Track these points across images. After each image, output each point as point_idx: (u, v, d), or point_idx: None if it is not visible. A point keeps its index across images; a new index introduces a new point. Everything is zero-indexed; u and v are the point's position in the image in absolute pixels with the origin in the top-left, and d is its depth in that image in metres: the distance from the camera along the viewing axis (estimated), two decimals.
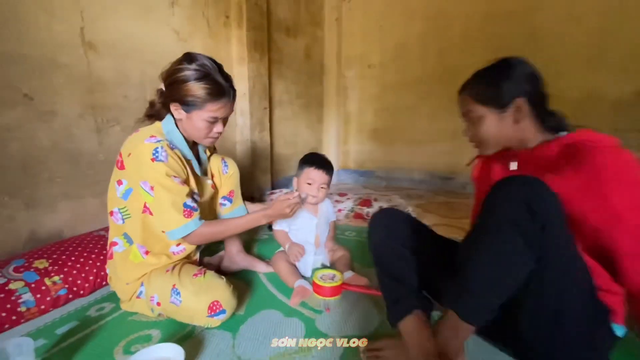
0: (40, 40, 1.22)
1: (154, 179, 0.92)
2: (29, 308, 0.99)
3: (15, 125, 1.18)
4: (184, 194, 0.96)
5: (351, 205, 2.18)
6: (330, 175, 1.34)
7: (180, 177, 0.97)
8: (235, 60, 2.20)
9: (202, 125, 0.97)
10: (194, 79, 0.91)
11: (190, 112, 0.96)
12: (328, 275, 1.20)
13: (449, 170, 3.16)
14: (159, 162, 0.92)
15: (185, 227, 0.96)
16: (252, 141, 2.27)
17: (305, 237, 1.34)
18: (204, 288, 0.95)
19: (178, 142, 1.01)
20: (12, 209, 1.19)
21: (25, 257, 1.10)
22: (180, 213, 0.95)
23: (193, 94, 0.92)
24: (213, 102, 0.94)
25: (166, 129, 1.01)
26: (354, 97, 3.49)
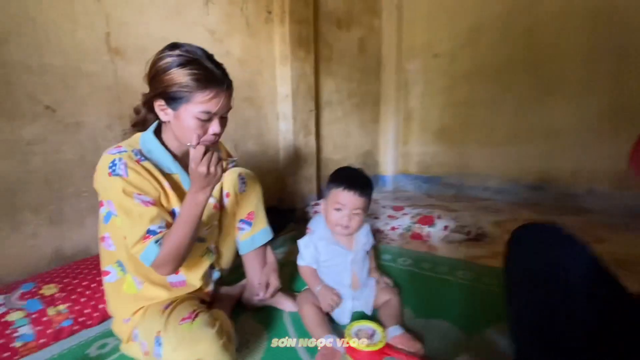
0: (62, 48, 1.17)
1: (113, 198, 0.77)
2: (25, 343, 0.90)
3: (37, 139, 1.14)
4: (147, 218, 0.77)
5: (408, 223, 1.81)
6: (368, 197, 1.03)
7: (148, 195, 0.79)
8: (277, 60, 2.01)
9: (193, 124, 0.77)
10: (177, 65, 0.74)
11: (178, 109, 0.77)
12: (366, 331, 0.90)
13: (539, 177, 2.54)
14: (115, 176, 0.75)
15: (145, 256, 0.77)
16: (296, 147, 2.06)
17: (338, 277, 1.06)
18: (186, 340, 0.73)
19: (157, 153, 0.83)
20: (35, 226, 1.15)
21: (37, 280, 1.04)
22: (142, 240, 0.77)
23: (177, 82, 0.74)
24: (202, 91, 0.75)
25: (143, 138, 0.85)
26: (417, 92, 3.05)
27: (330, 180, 1.05)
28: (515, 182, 2.65)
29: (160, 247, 0.77)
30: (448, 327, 1.00)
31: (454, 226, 1.73)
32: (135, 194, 0.77)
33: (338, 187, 1.01)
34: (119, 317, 0.90)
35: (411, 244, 1.73)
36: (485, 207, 2.49)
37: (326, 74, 2.40)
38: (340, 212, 1.01)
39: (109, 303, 0.92)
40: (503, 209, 2.43)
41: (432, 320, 1.03)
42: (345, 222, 1.01)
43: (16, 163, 1.10)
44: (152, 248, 0.77)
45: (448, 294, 1.20)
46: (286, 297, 1.12)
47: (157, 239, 0.78)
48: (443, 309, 1.09)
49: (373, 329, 0.91)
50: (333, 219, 1.03)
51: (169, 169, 0.86)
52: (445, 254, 1.58)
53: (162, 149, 0.84)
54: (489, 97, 2.68)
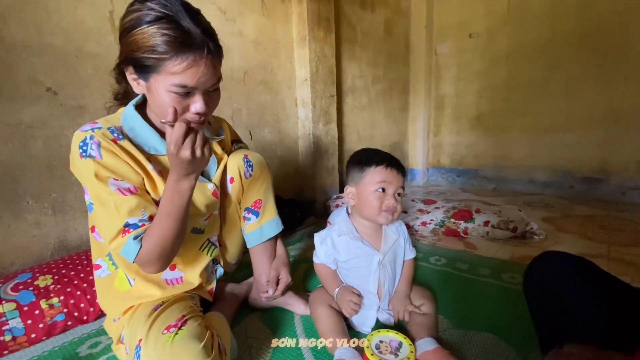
0: (63, 27, 1.11)
1: (88, 185, 0.66)
2: (15, 337, 0.83)
3: (38, 122, 1.08)
4: (125, 210, 0.64)
5: (441, 218, 1.60)
6: (404, 177, 0.87)
7: (127, 180, 0.66)
8: (295, 41, 1.88)
9: (167, 99, 0.62)
10: (144, 24, 0.58)
11: (148, 80, 0.63)
12: (390, 343, 0.74)
13: (596, 168, 2.21)
14: (86, 158, 0.63)
15: (124, 253, 0.65)
16: (316, 135, 1.91)
17: (363, 282, 0.87)
18: (164, 357, 0.59)
19: (141, 130, 0.71)
20: (38, 214, 1.10)
21: (34, 270, 0.97)
22: (119, 234, 0.65)
23: (142, 46, 0.59)
24: (173, 58, 0.59)
25: (125, 113, 0.72)
26: (449, 77, 2.79)
27: (363, 161, 0.86)
28: (567, 173, 2.33)
29: (140, 243, 0.65)
30: (494, 341, 0.80)
31: (496, 221, 1.50)
32: (111, 179, 0.65)
33: (378, 165, 0.83)
34: (110, 315, 0.80)
35: (444, 241, 1.52)
36: (531, 202, 2.20)
37: (349, 57, 2.23)
38: (384, 194, 0.83)
39: (99, 299, 0.82)
40: (553, 204, 2.14)
41: (473, 332, 0.84)
42: (394, 202, 0.82)
43: (16, 147, 1.04)
44: (131, 245, 0.65)
45: (493, 301, 0.99)
46: (298, 298, 0.98)
47: (136, 234, 0.65)
48: (487, 319, 0.89)
49: (399, 341, 0.74)
50: (376, 203, 0.83)
51: (155, 149, 0.73)
52: (486, 253, 1.36)
53: (145, 126, 0.71)
54: (533, 78, 2.39)
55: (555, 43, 2.24)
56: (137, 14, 0.59)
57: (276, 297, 0.94)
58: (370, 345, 0.73)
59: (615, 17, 2.03)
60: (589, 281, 0.61)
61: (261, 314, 0.97)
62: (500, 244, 1.45)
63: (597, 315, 0.57)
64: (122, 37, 0.63)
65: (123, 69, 0.67)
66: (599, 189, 2.20)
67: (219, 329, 0.72)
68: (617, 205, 2.04)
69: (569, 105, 2.24)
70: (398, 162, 0.87)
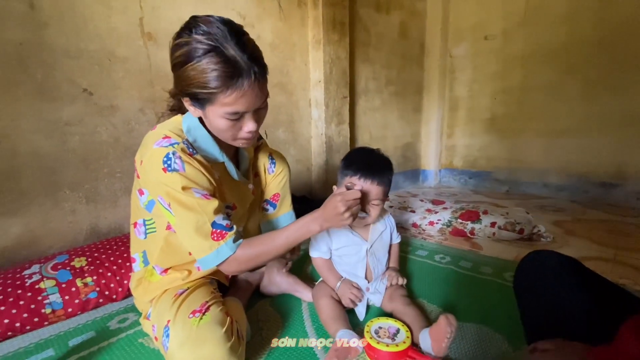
0: (98, 33, 1.22)
1: (169, 195, 0.71)
2: (54, 310, 0.93)
3: (75, 120, 1.19)
4: (211, 210, 0.72)
5: (449, 218, 1.64)
6: (388, 185, 0.90)
7: (205, 188, 0.74)
8: (310, 44, 1.95)
9: (223, 125, 0.70)
10: (194, 58, 0.63)
11: (204, 109, 0.69)
12: (388, 330, 0.80)
13: (613, 173, 2.17)
14: (172, 172, 0.69)
15: (217, 254, 0.73)
16: (328, 135, 1.98)
17: (352, 268, 0.96)
18: (192, 339, 0.67)
19: (203, 141, 0.77)
20: (73, 203, 1.21)
21: (70, 253, 1.08)
22: (208, 237, 0.72)
23: (194, 82, 0.64)
24: (224, 92, 0.64)
25: (187, 124, 0.78)
26: (464, 79, 2.80)
27: (344, 166, 0.92)
28: (582, 178, 2.30)
29: (243, 247, 0.74)
30: (489, 333, 0.85)
31: (503, 223, 1.52)
32: (193, 188, 0.72)
33: (354, 174, 0.88)
34: (139, 297, 0.89)
35: (451, 240, 1.56)
36: (543, 205, 2.19)
37: (362, 60, 2.28)
38: None
39: (131, 285, 0.92)
40: (565, 208, 2.12)
41: (470, 324, 0.88)
42: (364, 213, 0.90)
43: (56, 143, 1.16)
44: (230, 246, 0.73)
45: (492, 297, 1.03)
46: (306, 286, 1.05)
47: (235, 236, 0.74)
48: (484, 313, 0.94)
49: (397, 327, 0.80)
50: None
51: (215, 159, 0.80)
52: (491, 253, 1.39)
53: (208, 138, 0.77)
54: (549, 81, 2.37)
55: (572, 46, 2.22)
56: (186, 49, 0.64)
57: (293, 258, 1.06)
58: (370, 330, 0.79)
59: (635, 21, 2.00)
60: (573, 278, 0.65)
61: (271, 300, 1.05)
62: (506, 245, 1.48)
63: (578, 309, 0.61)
64: (175, 69, 0.68)
65: (178, 95, 0.74)
66: (614, 194, 2.16)
67: (236, 314, 0.79)
68: (632, 210, 2.01)
69: (585, 108, 2.22)
70: (377, 172, 0.88)
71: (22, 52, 1.08)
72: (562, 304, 0.63)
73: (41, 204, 1.15)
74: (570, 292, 0.64)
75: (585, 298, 0.62)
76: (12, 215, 1.10)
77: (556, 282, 0.65)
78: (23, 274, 0.97)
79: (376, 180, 0.88)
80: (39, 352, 0.83)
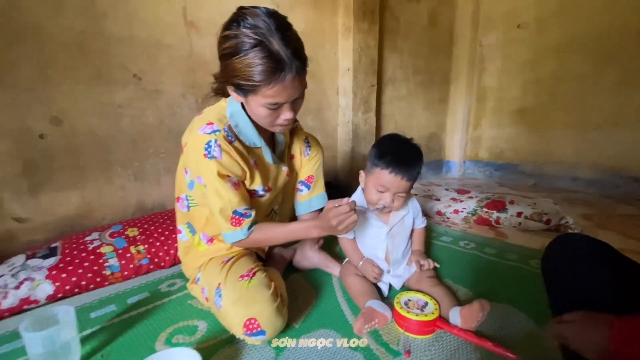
0: (147, 21, 1.30)
1: (206, 178, 0.81)
2: (113, 272, 1.05)
3: (126, 103, 1.29)
4: (235, 200, 0.82)
5: (474, 207, 1.66)
6: (414, 180, 0.93)
7: (236, 176, 0.83)
8: (340, 32, 1.97)
9: (263, 113, 0.76)
10: (241, 52, 0.67)
11: (247, 97, 0.75)
12: (417, 302, 0.86)
13: None
14: (211, 159, 0.78)
15: (232, 236, 0.84)
16: (355, 123, 2.02)
17: (373, 250, 1.00)
18: (243, 298, 0.77)
19: (244, 126, 0.84)
20: (124, 179, 1.33)
21: (124, 224, 1.20)
22: (228, 221, 0.83)
23: (241, 74, 0.69)
24: (268, 85, 0.69)
25: (230, 109, 0.84)
26: (494, 69, 2.74)
27: (375, 155, 0.93)
28: (614, 172, 2.24)
29: (249, 233, 0.84)
30: (514, 311, 0.89)
31: (529, 213, 1.53)
32: (226, 177, 0.81)
33: (384, 167, 0.90)
34: (187, 264, 0.99)
35: (475, 229, 1.58)
36: (571, 199, 2.16)
37: (391, 48, 2.28)
38: (382, 194, 0.93)
39: (180, 253, 1.02)
40: (595, 202, 2.08)
41: (494, 303, 0.92)
42: (387, 204, 0.93)
43: (110, 124, 1.27)
44: (244, 232, 0.84)
45: (517, 282, 1.06)
46: (335, 262, 1.12)
47: (250, 223, 0.84)
48: (509, 295, 0.97)
49: (425, 300, 0.86)
50: (374, 199, 0.94)
51: (253, 143, 0.87)
52: (516, 242, 1.41)
53: (248, 124, 0.84)
54: (583, 72, 2.29)
55: (610, 35, 2.14)
56: (234, 42, 0.68)
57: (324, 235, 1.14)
58: (399, 301, 0.85)
59: None
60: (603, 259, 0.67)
61: (304, 274, 1.12)
62: (532, 234, 1.49)
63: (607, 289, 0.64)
64: (222, 60, 0.73)
65: (222, 82, 0.80)
66: None
67: (276, 281, 0.87)
68: None
69: (620, 101, 2.14)
70: (408, 168, 0.89)
71: (83, 39, 1.18)
72: (590, 283, 0.66)
73: (96, 179, 1.27)
74: (600, 271, 0.66)
75: (615, 278, 0.65)
76: (72, 188, 1.22)
77: (585, 261, 0.67)
78: (85, 240, 1.09)
79: (406, 176, 0.89)
80: (102, 307, 0.94)
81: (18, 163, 1.11)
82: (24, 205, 1.14)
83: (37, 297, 0.93)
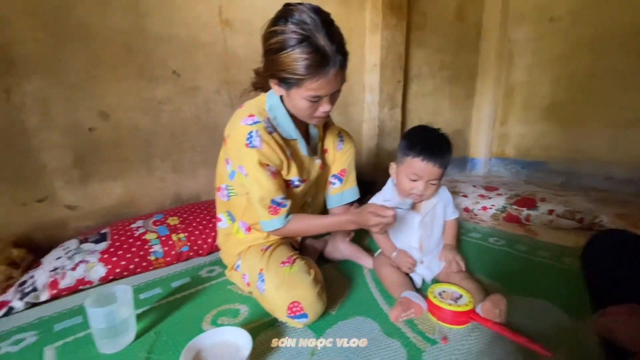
0: (185, 20, 1.36)
1: (247, 167, 0.85)
2: (157, 258, 1.12)
3: (166, 98, 1.36)
4: (274, 189, 0.86)
5: (503, 203, 1.64)
6: (445, 167, 0.94)
7: (275, 165, 0.87)
8: (368, 28, 1.98)
9: (304, 105, 0.79)
10: (288, 47, 0.70)
11: (290, 90, 0.79)
12: (451, 294, 0.87)
13: None
14: (252, 148, 0.82)
15: (270, 224, 0.88)
16: (380, 119, 2.03)
17: (407, 238, 1.02)
18: (286, 283, 0.81)
19: (282, 119, 0.88)
20: (163, 171, 1.40)
21: (165, 213, 1.27)
22: (266, 209, 0.87)
23: (287, 68, 0.72)
24: (312, 78, 0.72)
25: (269, 103, 0.89)
26: (523, 64, 2.66)
27: (406, 145, 0.95)
28: None
29: (286, 222, 0.88)
30: (549, 306, 0.89)
31: (561, 211, 1.50)
32: (266, 166, 0.85)
33: (415, 156, 0.92)
34: (226, 252, 1.04)
35: (504, 226, 1.56)
36: (604, 198, 2.08)
37: (417, 44, 2.27)
38: (414, 182, 0.95)
39: (219, 241, 1.07)
40: (631, 202, 2.00)
41: (529, 298, 0.93)
42: (419, 191, 0.95)
43: (151, 118, 1.34)
44: (276, 222, 0.88)
45: (549, 279, 1.05)
46: (367, 254, 1.15)
47: (287, 213, 0.88)
48: (542, 291, 0.96)
49: (460, 293, 0.87)
50: (406, 187, 0.97)
51: (289, 136, 0.91)
52: (548, 239, 1.39)
53: (286, 117, 0.88)
54: (620, 67, 2.19)
55: None
56: (281, 37, 0.71)
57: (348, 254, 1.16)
58: (433, 291, 0.87)
59: None
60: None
61: (335, 265, 1.15)
62: (564, 233, 1.46)
63: None
64: (268, 55, 0.76)
65: (266, 76, 0.83)
66: None
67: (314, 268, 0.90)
68: None
69: None
70: (439, 155, 0.91)
71: (127, 38, 1.25)
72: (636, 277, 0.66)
73: (138, 170, 1.34)
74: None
75: None
76: (117, 179, 1.30)
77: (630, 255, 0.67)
78: (131, 227, 1.16)
79: (438, 163, 0.91)
80: (149, 289, 1.01)
81: (70, 154, 1.20)
82: (74, 193, 1.22)
83: (91, 279, 1.00)
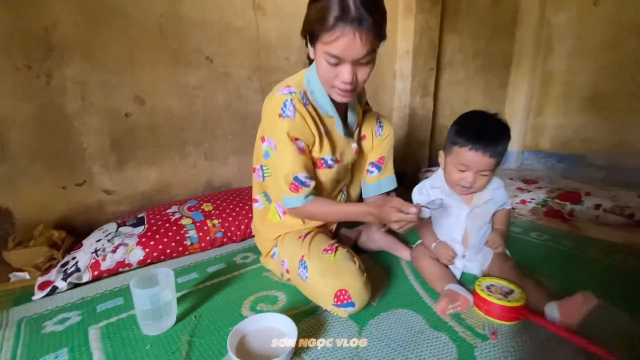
0: (219, 5, 1.34)
1: (277, 139, 0.82)
2: (192, 243, 1.12)
3: (199, 84, 1.35)
4: (298, 166, 0.82)
5: (544, 197, 1.55)
6: (501, 156, 0.86)
7: (305, 139, 0.83)
8: (401, 13, 1.90)
9: (324, 67, 0.73)
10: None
11: (315, 46, 0.74)
12: (500, 288, 0.83)
13: None
14: (285, 117, 0.79)
15: (289, 201, 0.85)
16: (411, 108, 1.96)
17: (451, 230, 0.96)
18: (332, 270, 0.79)
19: (319, 94, 0.84)
20: (195, 158, 1.40)
21: (199, 199, 1.27)
22: (288, 185, 0.83)
23: (313, 17, 0.70)
24: (328, 30, 0.67)
25: (308, 76, 0.86)
26: (563, 51, 2.51)
27: (454, 132, 0.88)
28: None
29: (306, 201, 0.84)
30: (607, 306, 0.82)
31: (609, 205, 1.40)
32: (295, 140, 0.81)
33: (463, 145, 0.85)
34: (262, 237, 1.02)
35: (545, 221, 1.48)
36: None
37: (451, 30, 2.17)
38: (463, 173, 0.89)
39: (255, 224, 1.05)
40: None
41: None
42: (468, 183, 0.88)
43: (185, 104, 1.34)
44: (297, 200, 0.84)
45: (602, 277, 0.99)
46: (404, 245, 1.11)
47: (307, 194, 0.84)
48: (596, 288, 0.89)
49: (511, 288, 0.82)
50: (454, 178, 0.90)
51: (326, 111, 0.87)
52: (595, 235, 1.30)
53: (322, 90, 0.84)
54: None
55: None
56: None
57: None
58: (481, 285, 0.83)
59: None
60: None
61: (370, 255, 1.12)
62: (612, 229, 1.36)
63: None
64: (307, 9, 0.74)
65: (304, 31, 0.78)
66: None
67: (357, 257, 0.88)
68: None
69: None
70: (490, 144, 0.83)
71: (162, 23, 1.25)
72: None
73: (172, 156, 1.35)
74: None
75: None
76: (152, 164, 1.31)
77: None
78: (167, 212, 1.17)
79: (488, 152, 0.84)
80: (186, 274, 1.01)
81: (107, 139, 1.21)
82: (111, 178, 1.24)
83: (130, 261, 1.02)
